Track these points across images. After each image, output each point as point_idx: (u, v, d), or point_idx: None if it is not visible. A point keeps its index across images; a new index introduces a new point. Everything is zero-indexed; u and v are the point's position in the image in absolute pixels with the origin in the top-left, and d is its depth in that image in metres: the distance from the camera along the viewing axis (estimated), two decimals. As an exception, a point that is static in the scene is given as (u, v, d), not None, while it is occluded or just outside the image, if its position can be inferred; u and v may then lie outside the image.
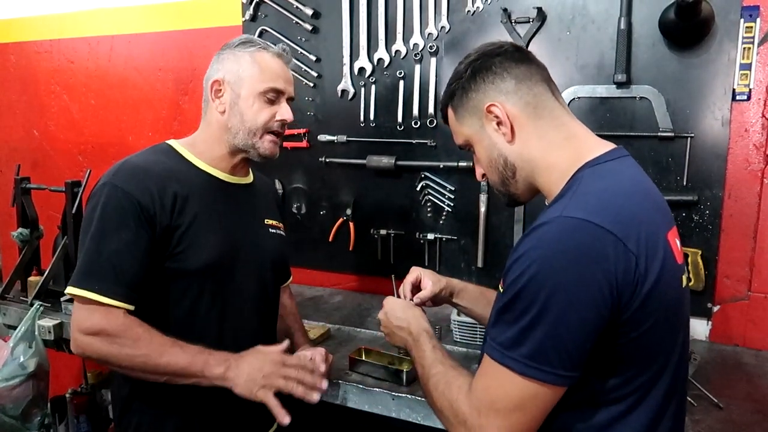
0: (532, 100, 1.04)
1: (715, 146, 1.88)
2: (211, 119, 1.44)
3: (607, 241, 0.87)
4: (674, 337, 0.99)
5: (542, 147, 1.04)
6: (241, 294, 1.42)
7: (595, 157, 1.01)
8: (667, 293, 0.93)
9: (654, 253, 0.90)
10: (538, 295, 0.87)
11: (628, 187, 0.98)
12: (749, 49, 1.81)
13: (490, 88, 1.06)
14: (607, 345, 0.91)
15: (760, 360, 1.81)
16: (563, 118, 1.05)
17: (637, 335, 0.91)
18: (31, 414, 2.06)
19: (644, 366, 0.95)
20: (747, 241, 1.89)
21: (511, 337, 0.90)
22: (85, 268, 1.25)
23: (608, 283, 0.86)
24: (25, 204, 2.28)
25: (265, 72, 1.40)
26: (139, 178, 1.30)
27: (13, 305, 2.20)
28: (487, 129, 1.07)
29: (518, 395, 0.90)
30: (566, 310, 0.86)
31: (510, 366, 0.90)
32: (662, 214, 1.00)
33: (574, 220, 0.89)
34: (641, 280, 0.88)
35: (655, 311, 0.91)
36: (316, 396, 1.34)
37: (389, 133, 2.32)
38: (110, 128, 2.95)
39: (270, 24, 2.46)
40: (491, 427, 0.92)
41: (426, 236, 2.31)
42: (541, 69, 1.08)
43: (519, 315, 0.89)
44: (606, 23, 1.96)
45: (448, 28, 2.18)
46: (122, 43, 2.86)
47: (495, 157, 1.08)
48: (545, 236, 0.90)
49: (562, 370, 0.88)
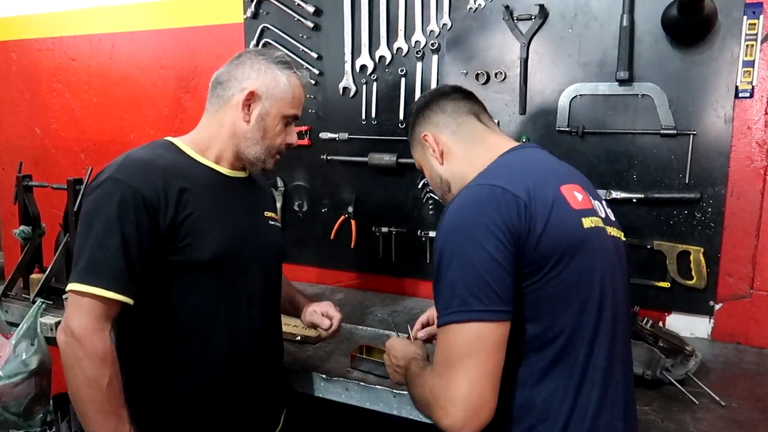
0: (457, 129, 1.28)
1: (718, 144, 1.87)
2: (224, 121, 1.43)
3: (498, 191, 1.04)
4: (591, 275, 1.08)
5: (467, 161, 1.25)
6: (249, 286, 1.43)
7: (503, 153, 1.21)
8: (563, 232, 1.05)
9: (542, 198, 1.05)
10: (453, 250, 1.02)
11: (521, 160, 1.19)
12: (752, 46, 1.81)
13: (425, 122, 1.32)
14: (526, 285, 1.03)
15: (762, 358, 1.80)
16: (484, 136, 1.27)
17: (545, 272, 1.03)
18: (34, 411, 2.06)
19: (564, 303, 1.05)
20: (749, 238, 1.88)
21: (446, 298, 1.02)
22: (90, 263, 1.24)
23: (504, 224, 1.01)
24: (27, 202, 2.28)
25: (295, 98, 1.45)
26: (143, 172, 1.29)
27: (15, 303, 2.20)
28: (426, 154, 1.32)
29: (465, 342, 0.99)
30: (477, 253, 1.00)
31: (451, 320, 1.00)
32: (555, 175, 1.16)
33: (471, 187, 1.10)
34: (533, 220, 1.02)
35: (555, 248, 1.03)
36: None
37: (391, 130, 2.32)
38: (112, 126, 2.96)
39: (271, 21, 2.45)
40: (450, 382, 0.98)
41: (428, 234, 2.30)
42: (470, 103, 1.32)
43: (444, 276, 1.02)
44: (608, 20, 1.95)
45: (449, 25, 2.17)
46: (124, 40, 2.86)
47: (434, 176, 1.33)
48: (452, 206, 1.08)
49: (493, 305, 0.98)
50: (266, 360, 1.50)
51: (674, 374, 1.53)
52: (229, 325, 1.39)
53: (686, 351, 1.56)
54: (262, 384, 1.48)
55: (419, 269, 2.36)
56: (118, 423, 1.23)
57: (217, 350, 1.38)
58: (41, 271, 2.26)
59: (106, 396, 1.22)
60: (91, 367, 1.21)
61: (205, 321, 1.36)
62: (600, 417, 1.06)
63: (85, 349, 1.21)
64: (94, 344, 1.21)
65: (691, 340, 1.75)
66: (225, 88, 1.43)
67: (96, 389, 1.21)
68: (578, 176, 1.24)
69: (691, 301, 1.95)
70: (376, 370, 1.60)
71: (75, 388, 1.23)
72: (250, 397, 1.45)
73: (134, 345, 1.38)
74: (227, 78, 1.43)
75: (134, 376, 1.37)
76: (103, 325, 1.23)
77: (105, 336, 1.23)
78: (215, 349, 1.37)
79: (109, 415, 1.23)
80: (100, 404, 1.22)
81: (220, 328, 1.38)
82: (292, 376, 1.66)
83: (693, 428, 1.36)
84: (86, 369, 1.21)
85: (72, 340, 1.22)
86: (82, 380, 1.22)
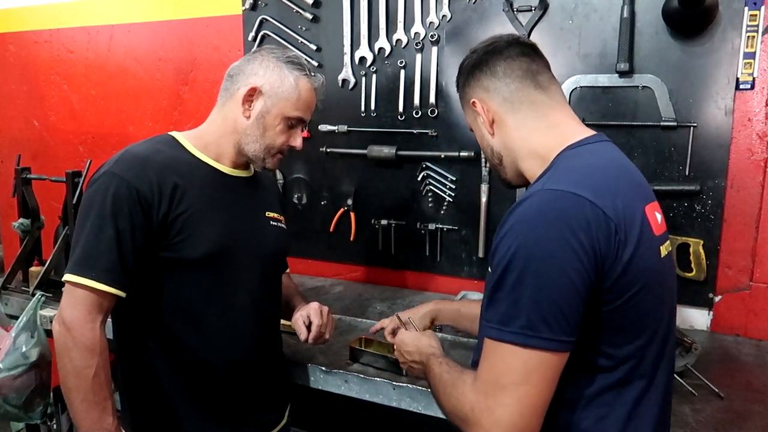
0: (509, 96, 1.11)
1: (718, 136, 1.87)
2: (228, 115, 1.42)
3: (587, 208, 0.91)
4: (660, 308, 1.02)
5: (522, 137, 1.11)
6: (241, 286, 1.42)
7: (576, 141, 1.06)
8: (647, 262, 0.96)
9: (632, 222, 0.95)
10: (526, 265, 0.90)
11: (605, 163, 1.04)
12: (753, 38, 1.80)
13: (474, 85, 1.16)
14: (595, 312, 0.94)
15: (761, 350, 1.81)
16: (544, 109, 1.11)
17: (623, 302, 0.94)
18: (34, 403, 2.06)
19: (633, 335, 0.98)
20: (749, 231, 1.88)
21: (505, 312, 0.92)
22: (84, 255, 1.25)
23: (591, 246, 0.90)
24: (26, 194, 2.28)
25: (301, 100, 1.41)
26: (139, 167, 1.29)
27: (14, 295, 2.20)
28: (477, 121, 1.18)
29: (522, 367, 0.90)
30: (555, 275, 0.89)
31: (510, 340, 0.91)
32: (639, 189, 1.05)
33: (553, 192, 0.94)
34: (621, 246, 0.92)
35: (638, 279, 0.94)
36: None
37: (390, 123, 2.32)
38: (110, 118, 2.95)
39: (270, 13, 2.44)
40: (499, 406, 0.90)
41: (427, 226, 2.30)
42: (528, 61, 1.13)
43: (510, 289, 0.91)
44: (609, 12, 1.94)
45: (449, 16, 2.16)
46: (122, 32, 2.84)
47: (485, 146, 1.20)
48: (526, 210, 0.94)
49: (562, 335, 0.90)
50: (264, 358, 1.50)
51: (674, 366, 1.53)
52: (222, 323, 1.39)
53: (685, 343, 1.56)
54: (261, 381, 1.49)
55: (419, 261, 2.36)
56: (101, 414, 1.24)
57: (212, 347, 1.38)
58: (40, 264, 2.27)
59: (91, 386, 1.23)
60: (79, 357, 1.22)
61: (199, 317, 1.36)
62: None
63: (75, 339, 1.22)
64: (84, 335, 1.22)
65: (690, 333, 1.75)
66: (233, 82, 1.42)
67: (82, 379, 1.23)
68: (646, 184, 1.12)
69: (691, 293, 1.95)
70: (375, 363, 1.60)
71: (63, 376, 1.25)
72: (249, 393, 1.45)
73: (132, 338, 1.39)
74: (237, 72, 1.42)
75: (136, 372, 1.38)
76: (94, 317, 1.24)
77: (95, 327, 1.24)
78: (209, 345, 1.38)
79: (93, 405, 1.24)
80: (84, 394, 1.23)
81: (214, 326, 1.38)
82: (291, 368, 1.66)
83: (692, 420, 1.36)
84: (74, 359, 1.22)
85: (63, 329, 1.23)
86: (70, 369, 1.23)
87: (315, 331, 1.51)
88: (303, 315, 1.54)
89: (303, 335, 1.52)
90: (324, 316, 1.54)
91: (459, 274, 2.29)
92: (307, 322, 1.52)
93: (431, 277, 2.36)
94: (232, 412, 1.42)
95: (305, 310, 1.55)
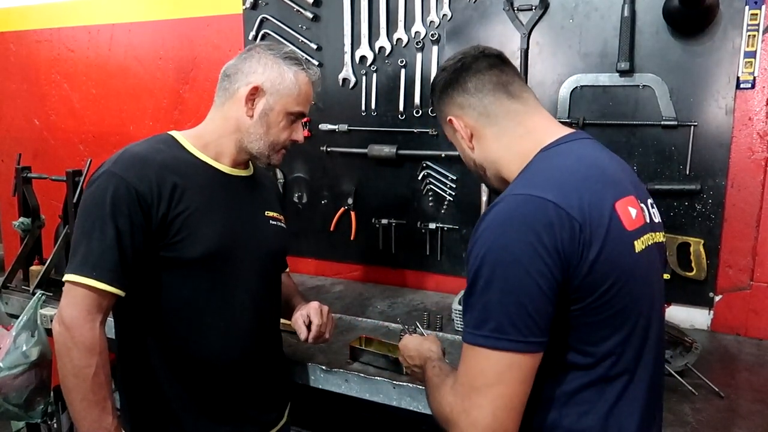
0: (484, 110, 1.13)
1: (719, 135, 1.86)
2: (229, 114, 1.41)
3: (550, 210, 0.93)
4: (637, 303, 1.02)
5: (501, 147, 1.14)
6: (240, 286, 1.42)
7: (549, 143, 1.08)
8: (617, 258, 0.97)
9: (599, 219, 0.96)
10: (494, 270, 0.93)
11: (572, 162, 1.05)
12: (754, 37, 1.80)
13: (448, 103, 1.18)
14: (567, 311, 0.96)
15: (762, 349, 1.80)
16: (520, 117, 1.13)
17: (594, 299, 0.95)
18: (34, 402, 2.07)
19: (610, 331, 0.99)
20: (750, 230, 1.88)
21: (477, 316, 0.94)
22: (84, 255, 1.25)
23: (554, 248, 0.92)
24: (26, 193, 2.28)
25: (301, 95, 1.42)
26: (138, 167, 1.29)
27: (15, 294, 2.21)
28: (456, 136, 1.20)
29: (494, 370, 0.93)
30: (521, 278, 0.91)
31: (481, 344, 0.93)
32: (612, 185, 1.04)
33: (519, 196, 0.98)
34: (587, 244, 0.93)
35: (608, 275, 0.95)
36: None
37: (390, 122, 2.31)
38: (111, 117, 2.95)
39: (270, 12, 2.44)
40: (474, 407, 0.93)
41: (427, 225, 2.30)
42: (497, 73, 1.14)
43: (480, 294, 0.94)
44: (609, 11, 1.94)
45: (450, 15, 2.16)
46: (122, 31, 2.85)
47: (467, 159, 1.23)
48: (495, 216, 0.98)
49: (531, 336, 0.92)
50: (263, 357, 1.50)
51: (674, 365, 1.53)
52: (221, 323, 1.39)
53: (686, 342, 1.56)
54: (260, 380, 1.49)
55: (419, 261, 2.36)
56: (101, 414, 1.24)
57: (211, 346, 1.38)
58: (41, 263, 2.27)
59: (90, 386, 1.23)
60: (79, 356, 1.22)
61: (197, 317, 1.36)
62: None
63: (74, 339, 1.22)
64: (83, 334, 1.22)
65: (690, 332, 1.75)
66: (231, 81, 1.42)
67: (81, 378, 1.22)
68: (629, 178, 1.11)
69: (691, 292, 1.95)
70: (375, 362, 1.60)
71: (63, 376, 1.25)
72: (249, 392, 1.45)
73: (131, 337, 1.39)
74: (234, 71, 1.42)
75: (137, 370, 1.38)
76: (94, 316, 1.24)
77: (95, 326, 1.24)
78: (209, 344, 1.38)
79: (92, 404, 1.23)
80: (84, 393, 1.23)
81: (213, 325, 1.38)
82: (291, 367, 1.66)
83: (692, 419, 1.36)
84: (74, 358, 1.22)
85: (63, 329, 1.23)
86: (69, 369, 1.23)
87: (315, 331, 1.51)
88: (303, 314, 1.54)
89: (303, 335, 1.52)
90: (324, 316, 1.54)
91: (459, 273, 2.29)
92: (307, 322, 1.52)
93: (431, 277, 2.37)
94: (232, 411, 1.42)
95: (305, 309, 1.55)
